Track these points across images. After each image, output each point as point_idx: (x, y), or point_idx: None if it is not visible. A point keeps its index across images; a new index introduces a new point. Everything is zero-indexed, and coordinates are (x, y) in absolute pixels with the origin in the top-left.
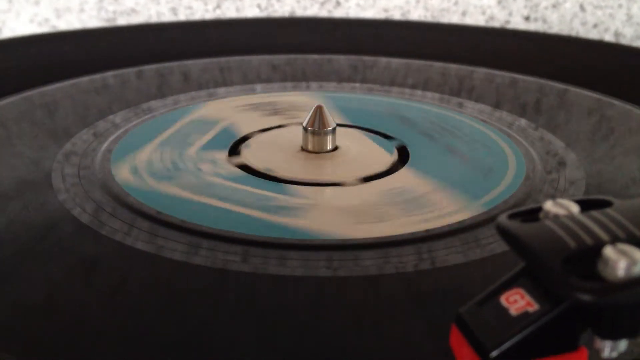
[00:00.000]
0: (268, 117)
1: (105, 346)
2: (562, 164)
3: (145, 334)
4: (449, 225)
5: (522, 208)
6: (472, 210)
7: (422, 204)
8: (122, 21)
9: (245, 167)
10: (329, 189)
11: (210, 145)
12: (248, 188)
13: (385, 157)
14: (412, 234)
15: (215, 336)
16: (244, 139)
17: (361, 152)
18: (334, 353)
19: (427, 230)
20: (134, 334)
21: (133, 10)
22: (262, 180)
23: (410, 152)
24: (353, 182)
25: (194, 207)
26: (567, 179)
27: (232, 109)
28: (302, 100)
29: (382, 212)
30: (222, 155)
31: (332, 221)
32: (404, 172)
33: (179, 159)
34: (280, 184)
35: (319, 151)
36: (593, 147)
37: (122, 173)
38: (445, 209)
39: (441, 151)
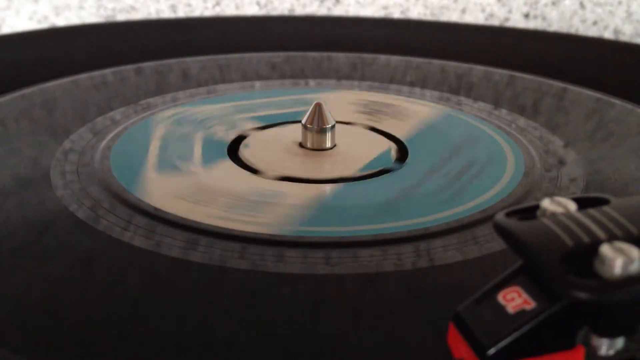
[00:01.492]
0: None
1: (103, 342)
2: (561, 162)
3: (143, 331)
4: (447, 224)
5: (520, 206)
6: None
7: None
8: (121, 18)
9: (242, 164)
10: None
11: (211, 142)
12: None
13: (384, 155)
14: (410, 231)
15: (213, 333)
16: (244, 136)
17: (360, 150)
18: (332, 350)
19: (425, 228)
20: (132, 330)
21: (132, 8)
22: (255, 176)
23: (409, 151)
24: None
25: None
26: (566, 177)
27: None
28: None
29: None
30: (227, 162)
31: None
32: (399, 172)
33: (179, 156)
34: (270, 180)
35: (318, 149)
36: (592, 146)
37: (122, 170)
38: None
39: (440, 150)
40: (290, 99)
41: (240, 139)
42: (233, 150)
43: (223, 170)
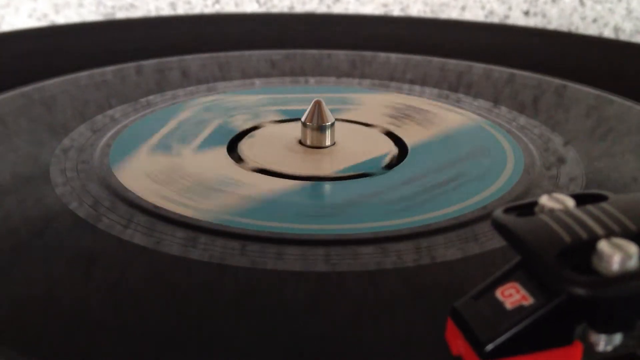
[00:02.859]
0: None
1: (103, 340)
2: (561, 160)
3: (143, 328)
4: (447, 221)
5: (518, 202)
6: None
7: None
8: (120, 16)
9: (241, 162)
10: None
11: (211, 140)
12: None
13: (383, 154)
14: (411, 229)
15: (213, 330)
16: (244, 133)
17: (359, 148)
18: (332, 348)
19: (425, 226)
20: (132, 328)
21: (132, 5)
22: (235, 166)
23: (409, 149)
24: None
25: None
26: (566, 175)
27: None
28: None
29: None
30: (222, 150)
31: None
32: (399, 169)
33: (180, 139)
34: (245, 171)
35: (318, 146)
36: (592, 144)
37: (121, 168)
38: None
39: (440, 148)
40: (329, 96)
41: (252, 130)
42: (239, 140)
43: (209, 156)
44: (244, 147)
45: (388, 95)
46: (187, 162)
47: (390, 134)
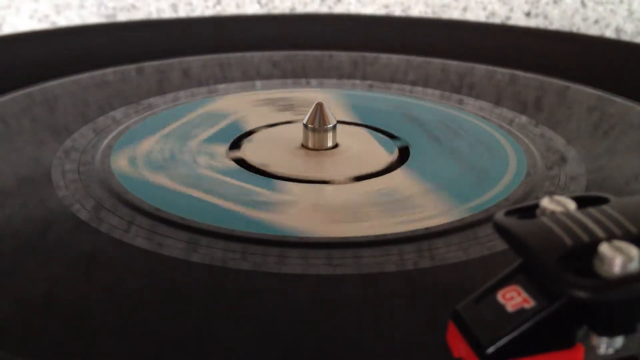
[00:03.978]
0: (280, 112)
1: (104, 343)
2: (563, 160)
3: (144, 331)
4: (449, 223)
5: (519, 205)
6: (463, 210)
7: (408, 205)
8: (122, 17)
9: (242, 162)
10: (316, 187)
11: (214, 139)
12: (238, 182)
13: (385, 156)
14: (413, 231)
15: (214, 333)
16: (248, 133)
17: (361, 150)
18: (334, 350)
19: (427, 228)
20: (133, 331)
21: (133, 7)
22: (255, 175)
23: (411, 150)
24: (344, 181)
25: (193, 202)
26: (568, 176)
27: (245, 103)
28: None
29: (361, 212)
30: (223, 149)
31: (308, 219)
32: (400, 172)
33: (187, 132)
34: (270, 179)
35: (319, 148)
36: (594, 144)
37: (123, 170)
38: (434, 209)
39: (442, 149)
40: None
41: (249, 134)
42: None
43: (205, 150)
44: (244, 145)
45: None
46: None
47: (383, 132)
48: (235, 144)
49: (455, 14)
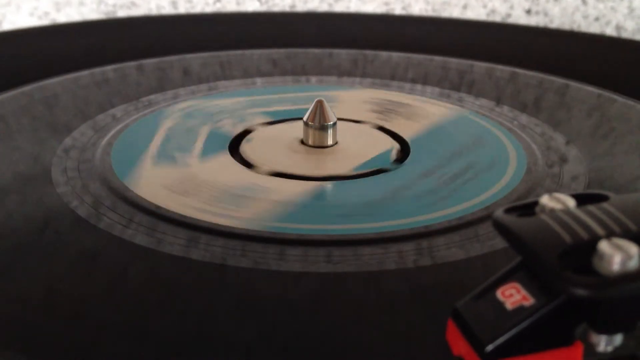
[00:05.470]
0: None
1: (104, 340)
2: (563, 159)
3: (144, 328)
4: (449, 221)
5: (519, 202)
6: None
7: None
8: (122, 14)
9: (240, 158)
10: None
11: (215, 136)
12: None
13: (385, 154)
14: (413, 229)
15: (214, 331)
16: (247, 132)
17: (361, 149)
18: (333, 348)
19: (427, 226)
20: (133, 328)
21: (133, 4)
22: (248, 171)
23: (411, 148)
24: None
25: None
26: (568, 174)
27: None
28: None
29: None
30: (223, 146)
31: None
32: (400, 169)
33: (179, 148)
34: (261, 175)
35: (320, 146)
36: (594, 143)
37: (122, 167)
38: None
39: (442, 147)
40: (305, 95)
41: (245, 134)
42: (236, 144)
43: (218, 163)
44: (246, 151)
45: (363, 92)
46: (199, 171)
47: (383, 129)
48: (236, 142)
49: (455, 12)
